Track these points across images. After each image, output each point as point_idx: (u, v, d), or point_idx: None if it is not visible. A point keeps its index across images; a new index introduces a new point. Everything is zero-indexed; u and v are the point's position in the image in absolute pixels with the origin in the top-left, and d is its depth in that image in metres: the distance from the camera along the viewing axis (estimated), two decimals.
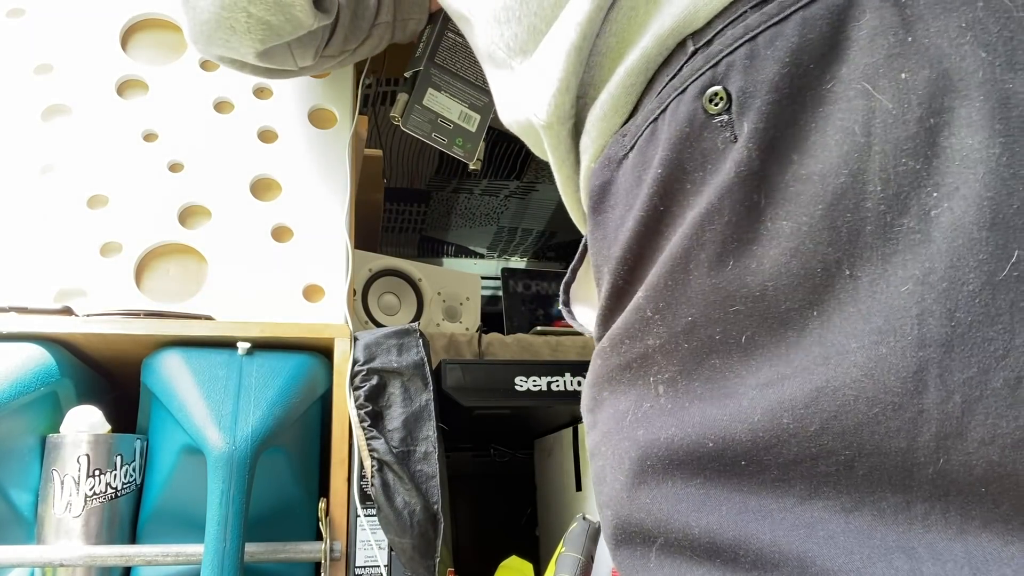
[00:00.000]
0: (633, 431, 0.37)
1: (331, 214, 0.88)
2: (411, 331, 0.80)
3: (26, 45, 0.87)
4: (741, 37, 0.34)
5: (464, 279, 1.40)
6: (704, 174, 0.35)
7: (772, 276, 0.32)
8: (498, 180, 1.96)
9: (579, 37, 0.40)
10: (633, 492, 0.36)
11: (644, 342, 0.37)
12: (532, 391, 0.90)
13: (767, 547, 0.31)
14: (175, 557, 0.66)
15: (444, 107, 0.84)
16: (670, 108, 0.36)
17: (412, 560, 0.73)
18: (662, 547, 0.35)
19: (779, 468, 0.31)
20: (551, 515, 1.14)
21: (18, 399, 0.66)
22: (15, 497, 0.67)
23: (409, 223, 2.16)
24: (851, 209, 0.30)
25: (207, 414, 0.67)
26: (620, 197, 0.40)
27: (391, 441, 0.74)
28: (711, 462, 0.34)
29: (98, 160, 0.84)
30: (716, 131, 0.34)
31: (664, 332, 0.36)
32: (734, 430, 0.33)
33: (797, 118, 0.32)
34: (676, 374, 0.36)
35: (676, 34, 0.37)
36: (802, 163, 0.32)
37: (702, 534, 0.33)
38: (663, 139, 0.37)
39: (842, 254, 0.30)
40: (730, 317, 0.34)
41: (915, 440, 0.28)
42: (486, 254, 2.39)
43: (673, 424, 0.35)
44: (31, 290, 0.77)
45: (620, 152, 0.40)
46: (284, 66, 0.75)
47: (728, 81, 0.34)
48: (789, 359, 0.32)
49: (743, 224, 0.33)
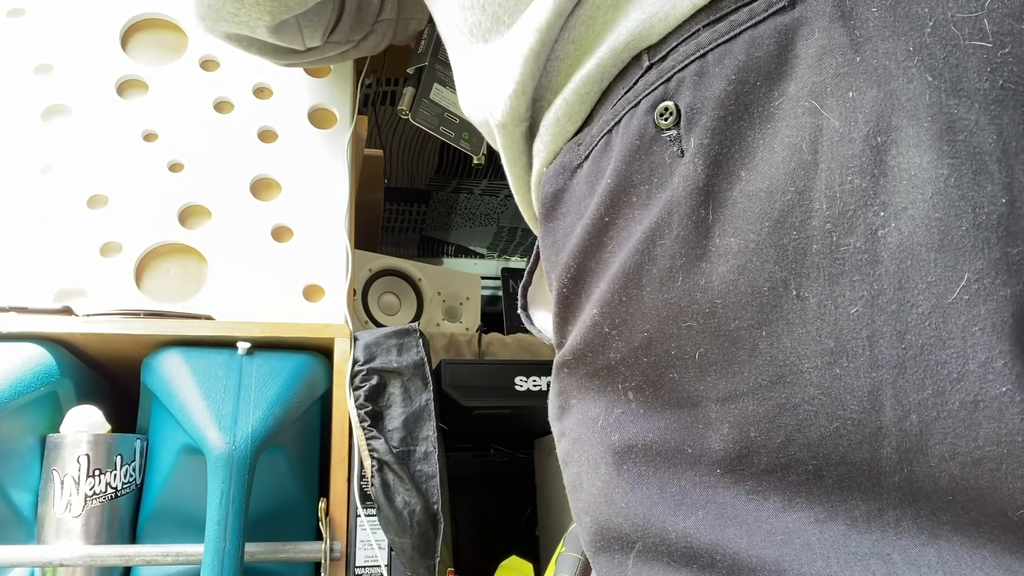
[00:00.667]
0: (607, 435, 0.37)
1: (331, 214, 0.88)
2: (411, 331, 0.80)
3: (26, 45, 0.87)
4: (692, 54, 0.34)
5: (464, 279, 1.40)
6: (651, 188, 0.35)
7: (721, 294, 0.32)
8: (498, 180, 1.96)
9: (537, 43, 0.40)
10: (610, 496, 0.36)
11: (606, 355, 0.37)
12: (532, 391, 0.90)
13: (744, 552, 0.31)
14: (175, 557, 0.66)
15: (449, 101, 0.84)
16: (623, 121, 0.37)
17: (412, 560, 0.73)
18: (640, 553, 0.35)
19: (753, 479, 0.32)
20: (551, 515, 1.14)
21: (18, 399, 0.66)
22: (15, 497, 0.67)
23: (409, 223, 2.16)
24: (797, 227, 0.30)
25: (207, 414, 0.67)
26: (572, 205, 0.40)
27: (391, 441, 0.74)
28: (688, 469, 0.34)
29: (98, 160, 0.84)
30: (665, 145, 0.35)
31: (623, 347, 0.36)
32: (708, 440, 0.33)
33: (744, 134, 0.32)
34: (642, 383, 0.36)
35: (631, 47, 0.37)
36: (749, 179, 0.32)
37: (679, 539, 0.33)
38: (615, 151, 0.37)
39: (788, 273, 0.30)
40: (683, 333, 0.34)
41: (878, 452, 0.28)
42: (486, 254, 2.39)
43: (649, 429, 0.35)
44: (31, 290, 0.77)
45: (575, 161, 0.40)
46: (292, 44, 0.75)
47: (678, 97, 0.34)
48: (743, 376, 0.32)
49: (691, 239, 0.33)
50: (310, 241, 0.86)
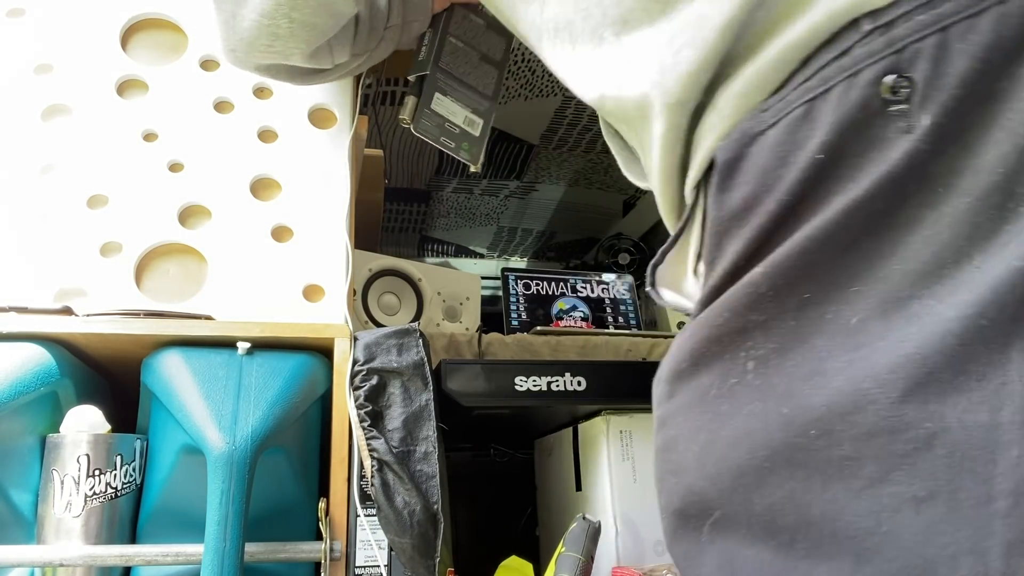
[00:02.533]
0: (716, 405, 0.37)
1: (331, 214, 0.88)
2: (411, 331, 0.80)
3: (26, 45, 0.87)
4: (931, 25, 0.32)
5: (464, 279, 1.40)
6: (864, 161, 0.34)
7: (901, 260, 0.32)
8: (498, 180, 1.96)
9: (740, 10, 0.37)
10: (703, 461, 0.36)
11: (745, 317, 0.37)
12: (532, 391, 0.90)
13: (826, 538, 0.30)
14: (175, 557, 0.66)
15: (450, 111, 0.84)
16: (836, 90, 0.35)
17: (412, 560, 0.73)
18: (718, 520, 0.35)
19: (851, 442, 0.30)
20: (551, 515, 1.14)
21: (18, 399, 0.66)
22: (15, 497, 0.67)
23: (409, 223, 2.16)
24: (996, 206, 0.30)
25: (207, 414, 0.67)
26: (754, 174, 0.38)
27: (391, 441, 0.74)
28: (779, 430, 0.33)
29: (98, 160, 0.84)
30: (889, 120, 0.33)
31: (772, 308, 0.36)
32: (809, 395, 0.32)
33: (974, 113, 0.32)
34: (771, 352, 0.35)
35: (853, 10, 0.35)
36: (962, 155, 0.32)
37: (763, 512, 0.33)
38: (824, 121, 0.35)
39: (975, 249, 0.31)
40: (848, 297, 0.33)
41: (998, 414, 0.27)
42: (486, 254, 2.39)
43: (756, 398, 0.35)
44: (31, 290, 0.77)
45: (757, 127, 0.38)
46: (322, 64, 0.75)
47: (914, 70, 0.33)
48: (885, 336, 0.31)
49: (891, 212, 0.33)
50: (310, 241, 0.86)
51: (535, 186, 1.99)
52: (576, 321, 1.58)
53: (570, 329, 1.48)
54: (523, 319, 1.55)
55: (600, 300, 1.62)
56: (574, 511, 0.95)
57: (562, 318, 1.57)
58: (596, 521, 0.83)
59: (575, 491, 1.01)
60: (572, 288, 1.62)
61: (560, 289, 1.61)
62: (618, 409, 0.95)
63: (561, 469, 1.08)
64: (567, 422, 1.06)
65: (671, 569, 0.87)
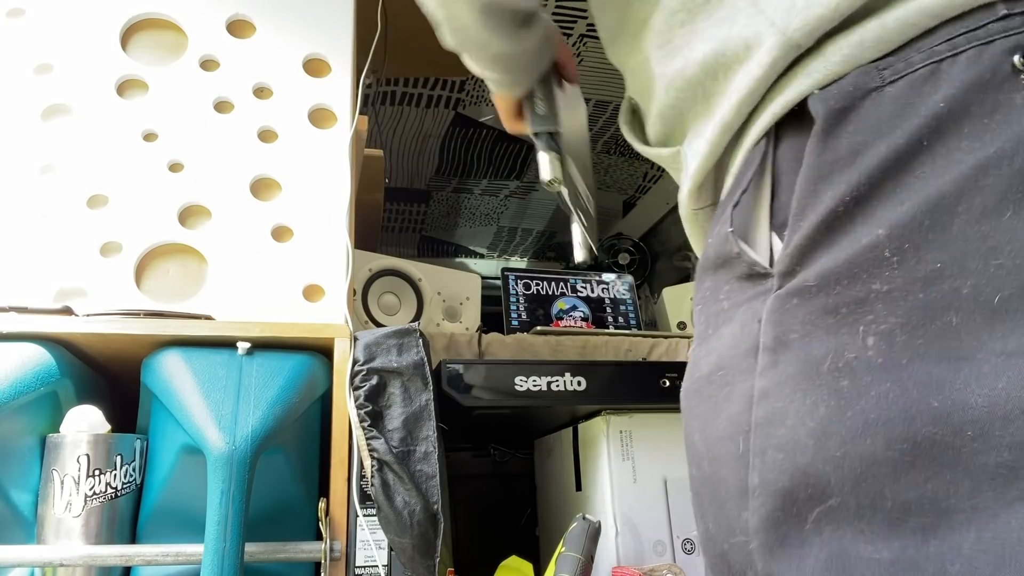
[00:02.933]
0: (834, 380, 0.35)
1: (331, 214, 0.88)
2: (411, 331, 0.80)
3: (26, 45, 0.87)
4: None
5: (464, 279, 1.40)
6: (991, 123, 0.34)
7: None
8: (498, 180, 1.96)
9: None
10: (822, 441, 0.34)
11: (868, 285, 0.35)
12: (532, 391, 0.90)
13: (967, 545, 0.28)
14: (175, 557, 0.66)
15: (577, 180, 0.71)
16: (966, 54, 0.36)
17: (412, 560, 0.73)
18: (832, 509, 0.33)
19: (1010, 450, 0.29)
20: (551, 515, 1.14)
21: (18, 399, 0.66)
22: (15, 497, 0.67)
23: (409, 223, 2.17)
24: None
25: (207, 414, 0.67)
26: (867, 124, 0.38)
27: (391, 441, 0.74)
28: (928, 424, 0.31)
29: (98, 160, 0.84)
30: (1019, 87, 0.34)
31: (898, 277, 0.34)
32: (968, 394, 0.30)
33: None
34: (896, 327, 0.34)
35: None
36: None
37: (894, 508, 0.31)
38: (951, 80, 0.36)
39: None
40: (989, 271, 0.32)
41: None
42: (486, 254, 2.39)
43: (888, 379, 0.33)
44: (31, 290, 0.77)
45: (872, 83, 0.39)
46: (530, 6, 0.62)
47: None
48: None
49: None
50: (310, 241, 0.86)
51: (535, 186, 1.99)
52: (576, 321, 1.58)
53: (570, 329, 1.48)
54: (523, 319, 1.55)
55: (600, 300, 1.62)
56: (574, 511, 0.95)
57: (562, 318, 1.57)
58: (596, 521, 0.83)
59: (575, 491, 1.01)
60: (572, 288, 1.62)
61: (560, 289, 1.61)
62: (618, 409, 0.95)
63: (561, 469, 1.08)
64: (567, 422, 1.06)
65: (671, 569, 0.87)
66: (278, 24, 0.94)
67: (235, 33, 0.93)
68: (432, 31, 0.60)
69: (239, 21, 0.94)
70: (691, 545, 0.91)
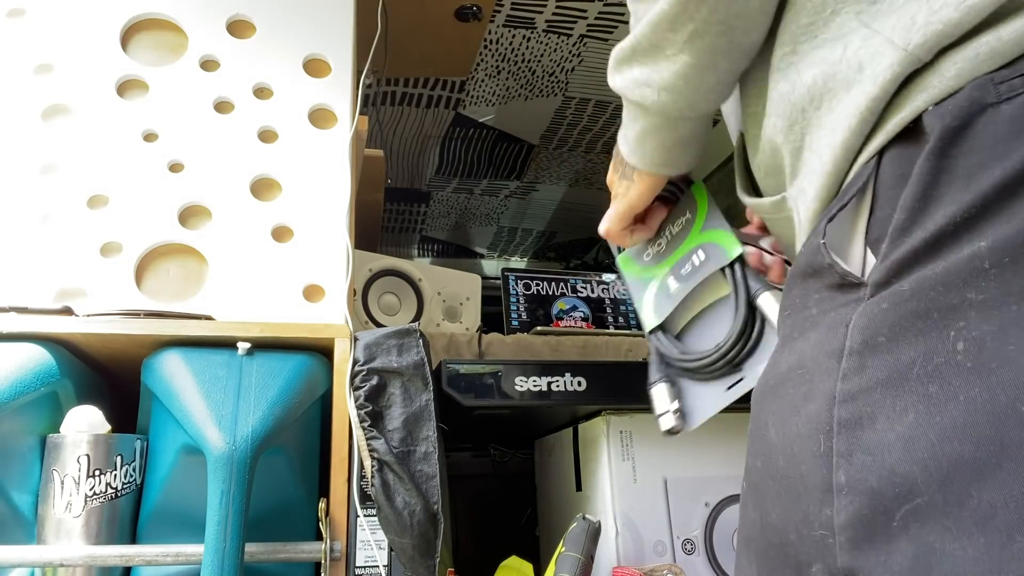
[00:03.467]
0: (923, 385, 0.36)
1: (331, 214, 0.88)
2: (411, 331, 0.80)
3: (26, 45, 0.87)
4: None
5: (464, 279, 1.40)
6: None
7: None
8: (498, 180, 1.96)
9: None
10: (911, 444, 0.35)
11: (963, 293, 0.36)
12: (532, 391, 0.90)
13: None
14: (175, 557, 0.66)
15: None
16: None
17: (412, 560, 0.73)
18: (918, 508, 0.34)
19: None
20: (551, 515, 1.14)
21: (18, 399, 0.66)
22: (15, 497, 0.67)
23: (409, 223, 2.17)
24: None
25: (207, 414, 0.67)
26: (982, 144, 0.38)
27: (391, 441, 0.74)
28: (1017, 428, 0.32)
29: (98, 160, 0.84)
30: None
31: (994, 288, 0.35)
32: None
33: None
34: (987, 334, 0.34)
35: None
36: None
37: (980, 506, 0.31)
38: None
39: None
40: None
41: None
42: (486, 254, 2.39)
43: (977, 384, 0.34)
44: (31, 290, 0.77)
45: (988, 98, 0.38)
46: None
47: None
48: None
49: None
50: (310, 241, 0.86)
51: (535, 186, 1.99)
52: (576, 321, 1.58)
53: (570, 329, 1.48)
54: (523, 319, 1.55)
55: (600, 300, 1.62)
56: (574, 511, 0.95)
57: (562, 318, 1.57)
58: (596, 521, 0.83)
59: (575, 491, 1.01)
60: (572, 288, 1.62)
61: (560, 289, 1.61)
62: (618, 409, 0.95)
63: (561, 469, 1.08)
64: (567, 422, 1.06)
65: (671, 569, 0.87)
66: (278, 24, 0.94)
67: (235, 33, 0.93)
68: (432, 31, 0.60)
69: (239, 21, 0.94)
70: (691, 545, 0.91)
